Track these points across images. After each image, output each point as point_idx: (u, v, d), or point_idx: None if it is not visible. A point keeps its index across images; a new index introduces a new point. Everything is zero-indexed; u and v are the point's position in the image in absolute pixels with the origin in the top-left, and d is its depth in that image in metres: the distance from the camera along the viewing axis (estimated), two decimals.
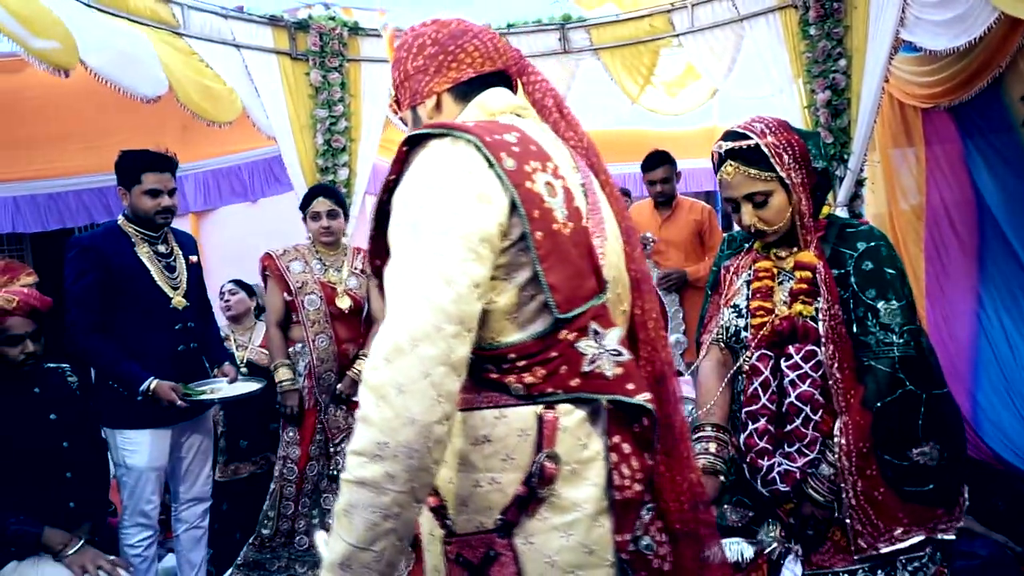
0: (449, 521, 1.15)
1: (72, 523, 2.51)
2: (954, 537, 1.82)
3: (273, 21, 4.30)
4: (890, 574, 1.79)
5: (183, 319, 2.93)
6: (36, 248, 5.82)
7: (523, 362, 1.12)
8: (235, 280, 4.19)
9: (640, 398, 1.14)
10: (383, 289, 1.08)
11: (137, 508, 2.87)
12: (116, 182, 2.89)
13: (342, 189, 4.30)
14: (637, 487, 1.14)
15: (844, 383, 1.79)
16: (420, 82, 1.31)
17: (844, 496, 1.77)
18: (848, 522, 1.78)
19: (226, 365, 3.08)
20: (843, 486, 1.77)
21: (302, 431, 3.36)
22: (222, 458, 3.77)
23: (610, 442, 1.14)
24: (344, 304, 3.36)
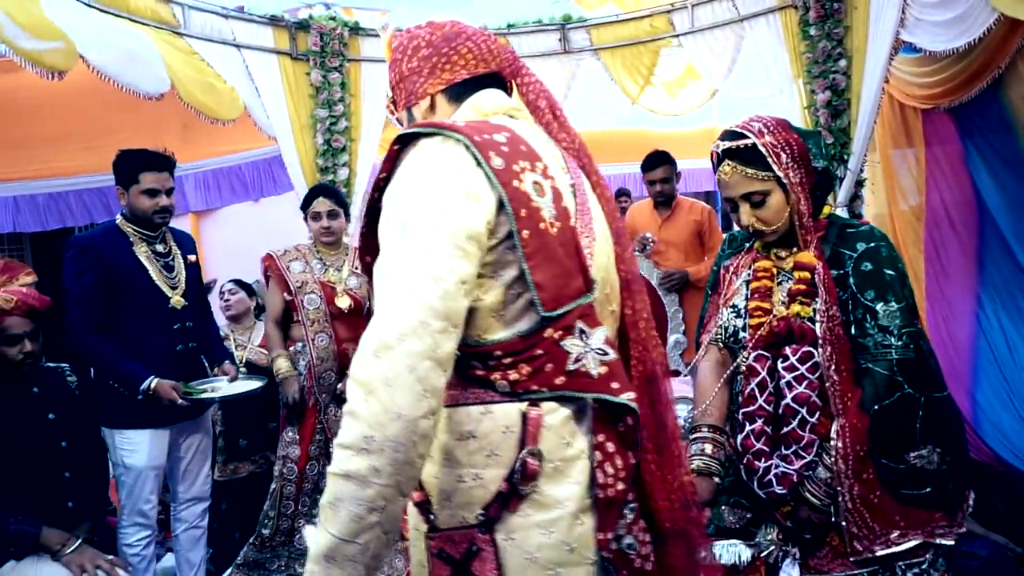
0: (432, 516, 1.16)
1: (71, 523, 2.51)
2: (953, 542, 1.78)
3: (274, 21, 4.30)
4: None
5: (182, 319, 2.93)
6: (36, 248, 5.83)
7: (509, 359, 1.13)
8: (235, 280, 4.19)
9: (624, 397, 1.14)
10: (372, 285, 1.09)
11: (135, 508, 2.86)
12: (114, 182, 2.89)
13: (342, 189, 4.30)
14: (620, 486, 1.14)
15: (841, 385, 1.76)
16: (415, 83, 1.32)
17: (840, 499, 1.74)
18: (844, 525, 1.75)
19: (226, 364, 3.08)
20: (839, 489, 1.74)
21: (302, 431, 3.35)
22: (221, 457, 3.77)
23: (594, 440, 1.15)
24: (344, 304, 3.36)
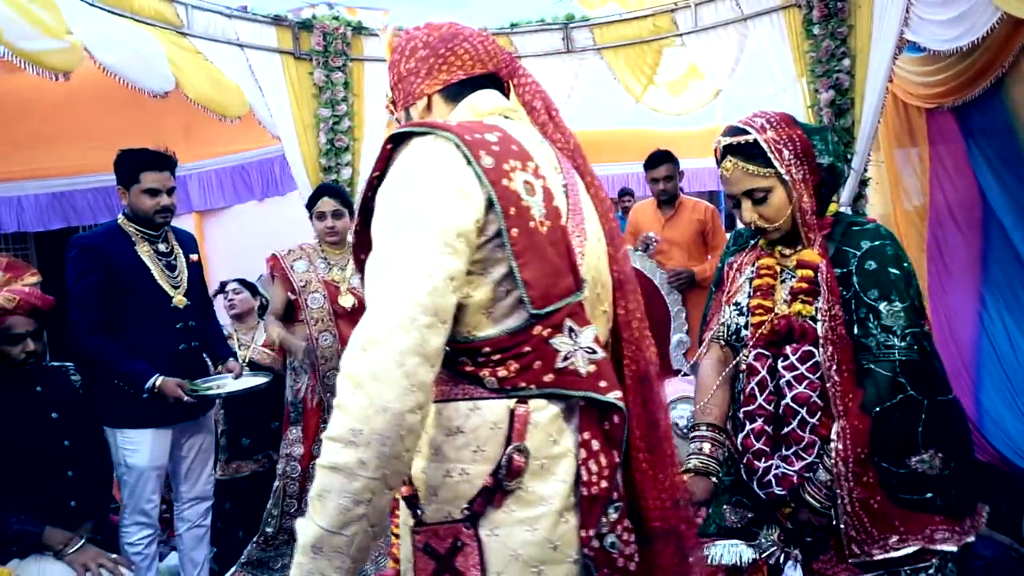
0: (420, 511, 1.17)
1: (74, 522, 2.52)
2: (955, 549, 1.73)
3: (277, 21, 4.30)
4: None
5: (184, 318, 2.94)
6: (40, 247, 5.84)
7: (497, 356, 1.14)
8: (239, 279, 4.20)
9: (611, 396, 1.15)
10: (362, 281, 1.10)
11: (137, 507, 2.87)
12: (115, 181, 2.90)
13: (345, 188, 4.31)
14: (604, 484, 1.15)
15: (843, 386, 1.72)
16: (412, 84, 1.34)
17: (840, 502, 1.71)
18: (842, 527, 1.72)
19: (230, 361, 3.09)
20: (839, 492, 1.70)
21: (305, 429, 3.36)
22: (223, 456, 3.77)
23: (580, 438, 1.15)
24: (347, 302, 3.36)
